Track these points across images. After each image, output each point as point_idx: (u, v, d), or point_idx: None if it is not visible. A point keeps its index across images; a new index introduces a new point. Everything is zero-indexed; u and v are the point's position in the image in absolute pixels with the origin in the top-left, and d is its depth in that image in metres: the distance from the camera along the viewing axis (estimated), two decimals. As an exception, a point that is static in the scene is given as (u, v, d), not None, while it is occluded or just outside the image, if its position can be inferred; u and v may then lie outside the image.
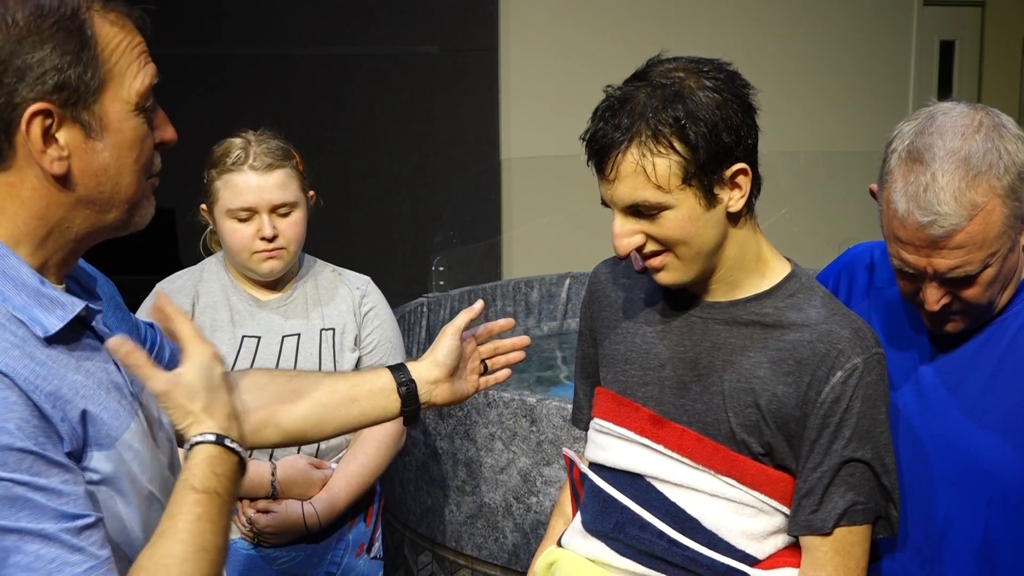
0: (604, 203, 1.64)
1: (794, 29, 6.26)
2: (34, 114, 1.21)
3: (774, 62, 5.84)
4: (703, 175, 1.57)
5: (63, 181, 1.25)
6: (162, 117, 1.34)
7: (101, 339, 1.32)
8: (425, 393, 1.76)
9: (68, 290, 1.33)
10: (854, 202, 5.50)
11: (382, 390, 1.74)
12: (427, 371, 1.76)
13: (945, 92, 6.90)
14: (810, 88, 6.23)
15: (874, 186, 1.68)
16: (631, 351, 1.75)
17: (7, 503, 1.15)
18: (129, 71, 1.27)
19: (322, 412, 1.72)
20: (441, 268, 4.66)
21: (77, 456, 1.23)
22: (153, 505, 1.33)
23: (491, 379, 1.86)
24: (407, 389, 1.74)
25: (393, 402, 1.74)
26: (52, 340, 1.23)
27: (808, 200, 5.82)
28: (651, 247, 1.62)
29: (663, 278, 1.65)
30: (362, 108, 5.77)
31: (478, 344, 1.83)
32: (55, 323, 1.24)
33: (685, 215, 1.58)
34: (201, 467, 1.28)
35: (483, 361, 1.84)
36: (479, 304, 1.82)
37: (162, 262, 3.38)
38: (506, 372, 1.87)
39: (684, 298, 1.73)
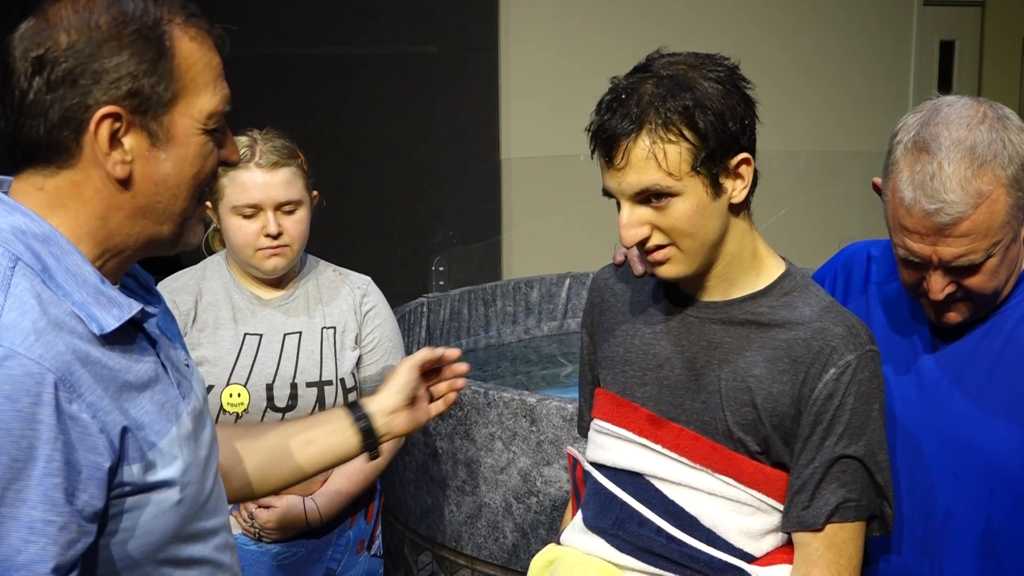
0: (608, 194, 1.64)
1: (794, 29, 6.27)
2: (104, 116, 1.23)
3: (774, 62, 5.84)
4: (711, 163, 1.58)
5: (124, 185, 1.27)
6: (229, 139, 1.36)
7: (153, 341, 1.33)
8: (384, 424, 1.80)
9: (125, 287, 1.35)
10: (854, 202, 5.51)
11: (338, 428, 1.78)
12: (385, 401, 1.81)
13: (945, 92, 6.89)
14: (810, 88, 6.24)
15: (877, 180, 1.70)
16: (630, 352, 1.76)
17: None
18: (204, 91, 1.30)
19: (277, 456, 1.74)
20: (441, 268, 4.67)
21: (114, 468, 1.23)
22: (183, 510, 1.32)
23: (441, 404, 1.90)
24: (365, 424, 1.78)
25: (351, 437, 1.78)
26: (106, 339, 1.24)
27: (808, 200, 5.83)
28: (657, 239, 1.62)
29: (666, 271, 1.65)
30: (362, 108, 5.77)
31: (423, 372, 1.87)
32: (111, 322, 1.24)
33: (693, 204, 1.59)
34: None
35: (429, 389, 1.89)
36: (455, 353, 1.89)
37: (162, 262, 3.38)
38: (453, 395, 1.91)
39: (681, 299, 1.74)
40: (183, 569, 1.35)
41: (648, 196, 1.59)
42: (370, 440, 1.79)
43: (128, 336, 1.28)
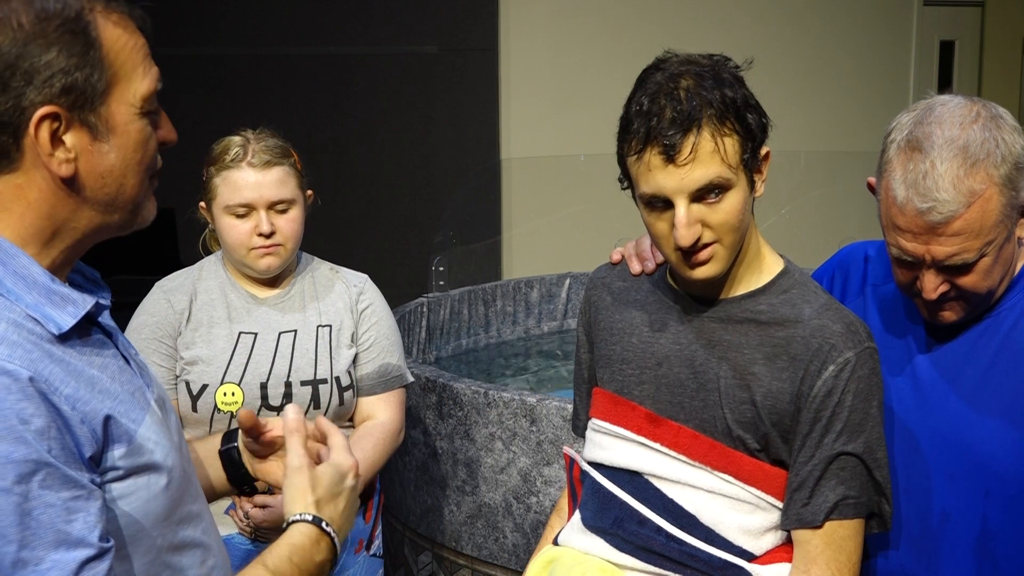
0: (648, 198, 1.59)
1: (794, 29, 6.27)
2: (43, 117, 1.22)
3: (774, 62, 5.84)
4: (752, 156, 1.60)
5: (70, 183, 1.25)
6: (164, 118, 1.34)
7: (108, 334, 1.33)
8: (249, 462, 1.66)
9: (73, 284, 1.34)
10: (854, 202, 5.51)
11: (212, 453, 1.66)
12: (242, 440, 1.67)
13: (945, 92, 6.90)
14: (810, 88, 6.24)
15: (872, 179, 1.70)
16: (628, 351, 1.76)
17: (17, 518, 1.15)
18: (135, 74, 1.28)
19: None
20: (441, 268, 4.67)
21: (97, 458, 1.23)
22: (171, 494, 1.33)
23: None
24: (228, 452, 1.66)
25: (218, 466, 1.66)
26: (65, 337, 1.24)
27: (808, 200, 5.83)
28: (706, 237, 1.61)
29: (707, 271, 1.63)
30: (362, 108, 5.77)
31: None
32: (68, 320, 1.24)
33: (741, 197, 1.60)
34: (281, 549, 1.35)
35: None
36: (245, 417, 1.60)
37: (162, 262, 3.38)
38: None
39: (679, 297, 1.74)
40: (179, 554, 1.36)
41: (707, 191, 1.57)
42: (239, 472, 1.65)
43: (85, 332, 1.28)
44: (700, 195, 1.57)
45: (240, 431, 1.65)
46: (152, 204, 1.35)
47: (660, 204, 1.59)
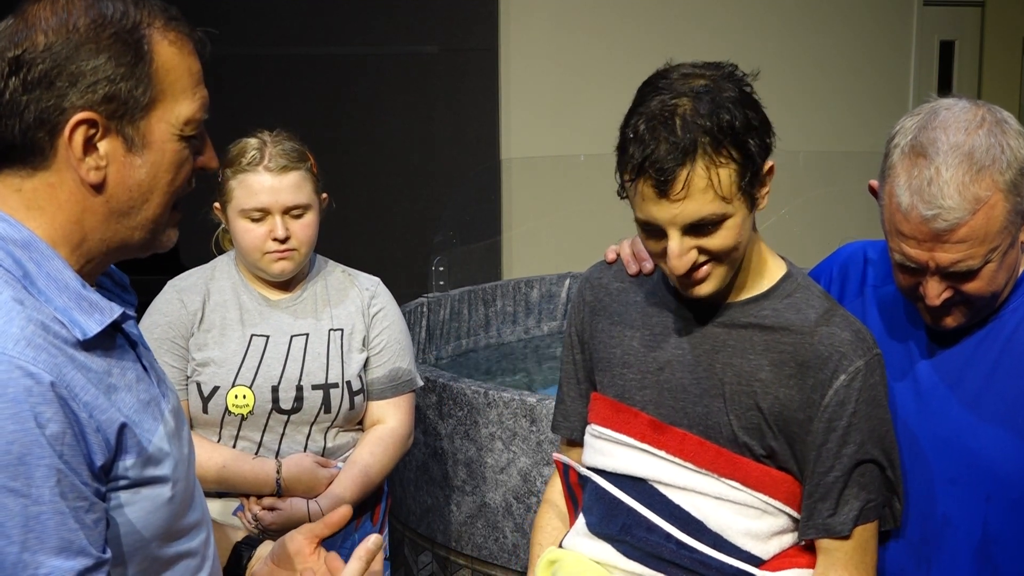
0: (641, 224, 1.57)
1: (794, 29, 6.27)
2: (79, 123, 1.23)
3: (774, 63, 5.84)
4: (752, 181, 1.55)
5: (97, 189, 1.27)
6: (207, 145, 1.35)
7: (132, 343, 1.33)
8: (255, 569, 1.63)
9: (101, 287, 1.35)
10: (854, 203, 5.51)
11: (226, 547, 1.65)
12: (265, 548, 1.66)
13: (945, 92, 6.88)
14: (810, 88, 6.24)
15: (874, 182, 1.69)
16: (628, 355, 1.74)
17: (23, 519, 1.15)
18: (182, 96, 1.29)
19: None
20: (441, 268, 4.67)
21: (108, 467, 1.23)
22: (174, 507, 1.33)
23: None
24: (242, 552, 1.65)
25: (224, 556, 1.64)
26: (88, 343, 1.24)
27: (808, 200, 5.83)
28: (702, 259, 1.58)
29: (705, 288, 1.61)
30: (362, 108, 5.77)
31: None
32: (93, 327, 1.24)
33: (739, 222, 1.56)
34: None
35: None
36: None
37: (164, 262, 3.37)
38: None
39: (681, 300, 1.72)
40: (174, 565, 1.36)
41: (701, 225, 1.54)
42: (238, 571, 1.65)
43: (109, 339, 1.28)
44: (694, 227, 1.55)
45: (270, 556, 1.60)
46: (174, 232, 1.36)
47: (654, 230, 1.57)
